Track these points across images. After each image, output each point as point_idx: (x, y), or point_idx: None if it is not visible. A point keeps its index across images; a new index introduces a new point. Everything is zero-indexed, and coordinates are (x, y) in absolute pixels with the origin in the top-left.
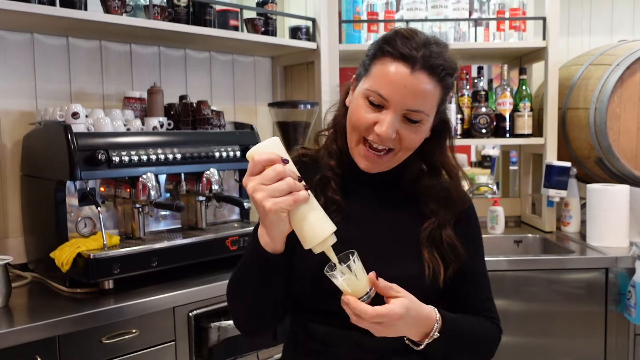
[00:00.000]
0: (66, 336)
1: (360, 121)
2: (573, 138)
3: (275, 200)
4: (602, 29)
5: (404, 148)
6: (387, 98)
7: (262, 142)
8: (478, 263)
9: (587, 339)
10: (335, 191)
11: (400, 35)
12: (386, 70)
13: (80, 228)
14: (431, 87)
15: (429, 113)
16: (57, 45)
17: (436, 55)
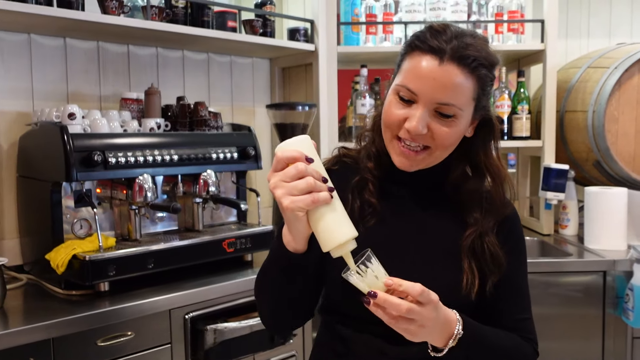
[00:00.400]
0: (61, 338)
1: (391, 118)
2: (571, 141)
3: (293, 199)
4: (600, 32)
5: (439, 145)
6: (416, 92)
7: (291, 139)
8: (519, 279)
9: (585, 342)
10: (372, 193)
11: (432, 29)
12: (415, 64)
13: (76, 229)
14: (462, 79)
15: (463, 107)
16: (54, 46)
17: (468, 46)
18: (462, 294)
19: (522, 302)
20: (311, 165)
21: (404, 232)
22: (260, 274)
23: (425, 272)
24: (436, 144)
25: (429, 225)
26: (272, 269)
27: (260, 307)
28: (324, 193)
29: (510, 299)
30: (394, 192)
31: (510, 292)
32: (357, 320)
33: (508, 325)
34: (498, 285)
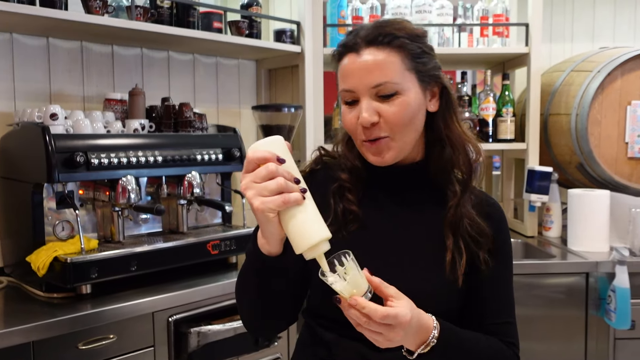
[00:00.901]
0: (42, 342)
1: (348, 124)
2: (555, 143)
3: (263, 200)
4: (584, 36)
5: (394, 127)
6: (352, 89)
7: (263, 139)
8: (504, 282)
9: (568, 343)
10: (351, 201)
11: (347, 32)
12: (341, 67)
13: (58, 231)
14: (382, 55)
15: (397, 80)
16: (36, 46)
17: (376, 27)
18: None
19: (505, 306)
20: (283, 165)
21: (387, 234)
22: (239, 276)
23: (411, 273)
24: (392, 127)
25: (413, 222)
26: (248, 272)
27: (241, 311)
28: (295, 194)
29: (493, 302)
30: (376, 196)
31: (493, 295)
32: (339, 324)
33: (490, 328)
34: (481, 286)
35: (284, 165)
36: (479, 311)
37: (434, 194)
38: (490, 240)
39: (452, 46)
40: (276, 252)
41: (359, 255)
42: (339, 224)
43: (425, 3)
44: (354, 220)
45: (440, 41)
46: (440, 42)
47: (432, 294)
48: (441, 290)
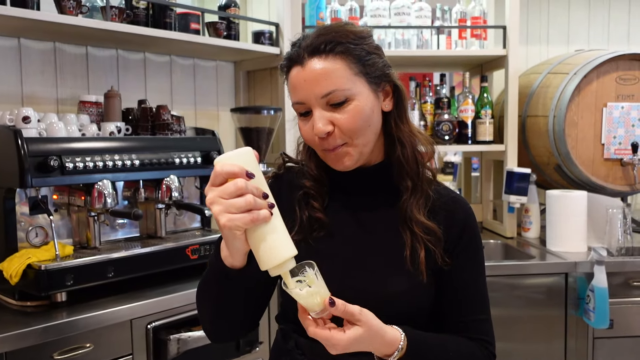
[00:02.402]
0: (15, 352)
1: (306, 137)
2: (533, 145)
3: (230, 217)
4: (559, 39)
5: (350, 132)
6: (302, 100)
7: (232, 151)
8: (475, 278)
9: (548, 343)
10: (316, 208)
11: (292, 44)
12: (290, 81)
13: (31, 238)
14: (326, 64)
15: (345, 87)
16: (7, 47)
17: (317, 36)
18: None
19: (477, 303)
20: (252, 180)
21: (353, 238)
22: (200, 283)
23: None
24: (347, 134)
25: (377, 223)
26: (210, 282)
27: (201, 317)
28: (263, 211)
29: (464, 299)
30: (341, 202)
31: (464, 292)
32: None
33: (462, 325)
34: (452, 282)
35: (253, 180)
36: (451, 309)
37: (393, 193)
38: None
39: (431, 48)
40: (240, 265)
41: (326, 261)
42: (304, 231)
43: (404, 5)
44: (320, 228)
45: (419, 43)
46: (419, 44)
47: (398, 294)
48: (407, 290)
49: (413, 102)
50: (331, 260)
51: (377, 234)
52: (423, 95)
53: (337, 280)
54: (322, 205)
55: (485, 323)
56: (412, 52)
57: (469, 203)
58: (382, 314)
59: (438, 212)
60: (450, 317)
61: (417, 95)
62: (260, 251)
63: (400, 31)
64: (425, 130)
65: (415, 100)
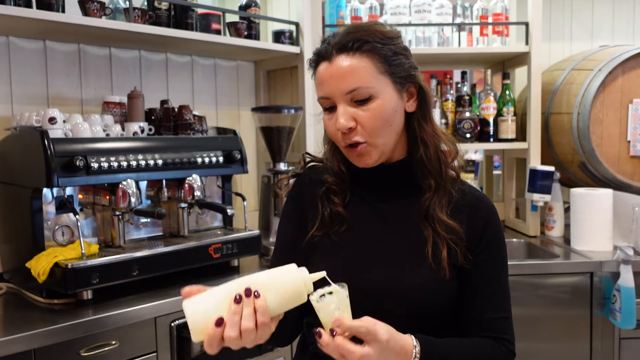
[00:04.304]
0: (43, 349)
1: (329, 130)
2: (556, 143)
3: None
4: (583, 35)
5: (371, 131)
6: (327, 95)
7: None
8: (496, 276)
9: (573, 343)
10: (337, 203)
11: (322, 40)
12: (317, 76)
13: (58, 237)
14: (353, 61)
15: (370, 84)
16: (33, 49)
17: (346, 34)
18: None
19: (498, 300)
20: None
21: (374, 234)
22: None
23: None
24: (369, 132)
25: (399, 219)
26: None
27: None
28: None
29: (485, 297)
30: (362, 198)
31: (485, 290)
32: None
33: (483, 324)
34: (473, 280)
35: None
36: (472, 307)
37: (415, 190)
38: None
39: (452, 46)
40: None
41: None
42: (326, 227)
43: (425, 3)
44: (341, 223)
45: (439, 41)
46: (439, 42)
47: (418, 288)
48: (428, 285)
49: (434, 100)
50: (351, 254)
51: (398, 230)
52: (444, 93)
53: (357, 274)
54: (344, 201)
55: (506, 321)
56: (433, 49)
57: (491, 201)
58: (402, 309)
59: (461, 211)
60: (470, 314)
61: (438, 93)
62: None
63: (420, 29)
64: (447, 129)
65: (437, 98)
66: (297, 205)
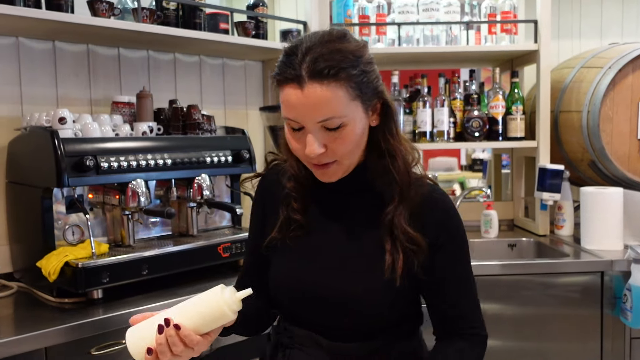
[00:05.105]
0: (54, 348)
1: (295, 151)
2: (566, 141)
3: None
4: (592, 33)
5: (342, 155)
6: (296, 120)
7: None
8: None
9: (583, 343)
10: (295, 209)
11: (285, 54)
12: (284, 97)
13: (68, 236)
14: (327, 92)
15: (343, 113)
16: (42, 49)
17: (319, 58)
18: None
19: (464, 293)
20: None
21: (330, 239)
22: None
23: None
24: (339, 155)
25: (355, 225)
26: None
27: None
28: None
29: (451, 292)
30: (320, 202)
31: (450, 284)
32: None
33: (452, 317)
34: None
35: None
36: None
37: (375, 197)
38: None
39: (460, 44)
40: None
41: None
42: (284, 230)
43: (433, 1)
44: (298, 228)
45: (448, 39)
46: (448, 40)
47: (370, 295)
48: (378, 292)
49: (442, 99)
50: (306, 259)
51: (355, 236)
52: (452, 92)
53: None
54: (302, 206)
55: (475, 311)
56: (441, 48)
57: (451, 201)
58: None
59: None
60: (440, 309)
61: (446, 92)
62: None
63: (428, 27)
64: (455, 127)
65: (445, 97)
66: (259, 209)
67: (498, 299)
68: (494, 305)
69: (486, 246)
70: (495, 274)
